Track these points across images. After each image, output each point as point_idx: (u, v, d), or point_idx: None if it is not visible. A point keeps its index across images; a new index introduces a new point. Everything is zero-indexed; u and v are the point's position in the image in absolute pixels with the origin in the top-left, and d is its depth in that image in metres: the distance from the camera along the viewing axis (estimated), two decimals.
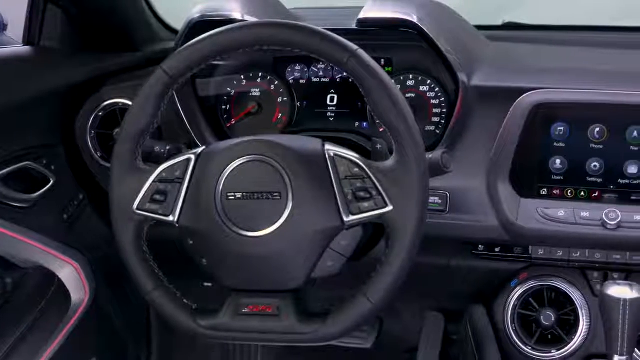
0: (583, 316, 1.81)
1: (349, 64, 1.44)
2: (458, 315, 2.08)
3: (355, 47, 1.46)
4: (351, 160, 1.45)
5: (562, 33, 2.34)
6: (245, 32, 1.48)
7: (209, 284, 2.16)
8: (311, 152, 1.47)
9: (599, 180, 1.72)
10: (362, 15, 1.82)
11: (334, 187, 1.44)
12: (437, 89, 1.87)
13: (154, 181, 1.50)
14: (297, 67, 1.96)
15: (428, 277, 1.92)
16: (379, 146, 1.65)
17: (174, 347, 2.50)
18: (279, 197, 1.44)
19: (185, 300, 1.53)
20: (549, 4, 2.86)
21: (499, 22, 2.40)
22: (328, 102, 1.94)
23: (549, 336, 1.85)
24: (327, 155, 1.46)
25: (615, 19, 2.57)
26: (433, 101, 1.87)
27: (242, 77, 1.99)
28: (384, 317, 2.33)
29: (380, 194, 1.43)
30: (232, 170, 1.46)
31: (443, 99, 1.86)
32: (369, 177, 1.43)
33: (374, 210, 1.43)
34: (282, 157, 1.45)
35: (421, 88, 1.88)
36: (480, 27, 2.21)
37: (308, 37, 1.45)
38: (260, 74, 1.98)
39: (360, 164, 1.45)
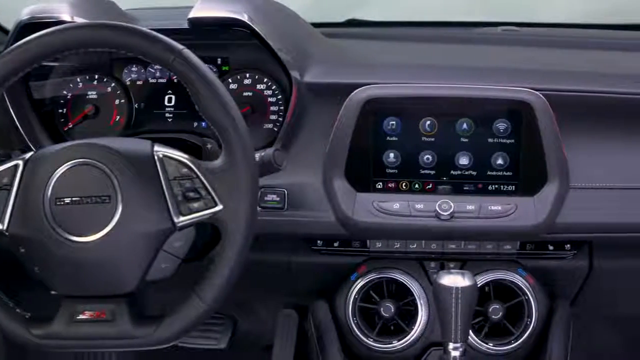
0: (422, 306, 1.84)
1: (174, 64, 1.44)
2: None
3: (180, 47, 1.45)
4: (180, 161, 1.45)
5: (403, 29, 2.39)
6: (67, 34, 1.46)
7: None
8: (139, 153, 1.46)
9: (432, 172, 1.75)
10: (192, 14, 1.80)
11: (163, 189, 1.44)
12: (274, 87, 1.87)
13: None
14: (134, 69, 1.94)
15: (271, 274, 1.93)
16: (209, 146, 1.65)
17: (22, 359, 2.43)
18: (108, 201, 1.43)
19: (18, 310, 1.50)
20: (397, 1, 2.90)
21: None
22: (166, 103, 1.92)
23: (392, 327, 1.87)
24: (155, 157, 1.46)
25: (455, 14, 2.63)
26: (270, 99, 1.87)
27: (78, 79, 1.95)
28: (238, 316, 2.33)
29: (209, 193, 1.43)
30: (60, 175, 1.44)
31: (280, 97, 1.87)
32: (198, 177, 1.44)
33: (203, 210, 1.43)
34: (110, 160, 1.44)
35: (258, 86, 1.88)
36: (323, 25, 2.24)
37: (132, 38, 1.44)
38: (96, 76, 1.95)
39: (189, 164, 1.45)
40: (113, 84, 1.94)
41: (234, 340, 2.32)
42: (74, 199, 1.43)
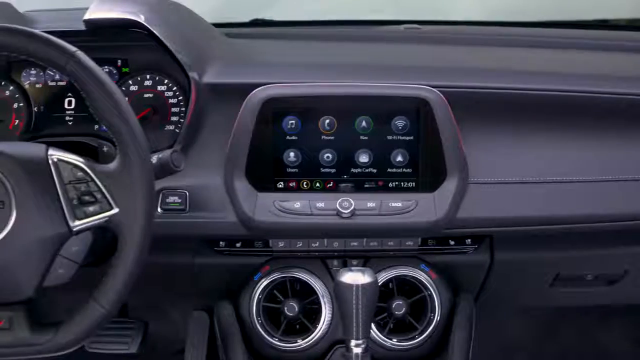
0: (325, 304, 1.85)
1: (67, 67, 1.43)
2: None
3: (73, 49, 1.44)
4: (74, 164, 1.44)
5: (308, 28, 2.39)
6: None
7: None
8: (33, 158, 1.44)
9: (333, 170, 1.76)
10: (87, 15, 1.78)
11: (58, 193, 1.42)
12: (174, 88, 1.86)
13: None
14: (33, 71, 1.90)
15: (177, 277, 1.92)
16: (105, 148, 1.65)
17: None
18: (2, 207, 1.41)
19: None
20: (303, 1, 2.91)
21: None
22: (66, 106, 1.89)
23: (297, 326, 1.88)
24: (50, 161, 1.44)
25: (359, 13, 2.65)
26: (171, 100, 1.86)
27: None
28: (149, 320, 2.31)
29: (105, 196, 1.42)
30: None
31: (181, 98, 1.86)
32: (93, 181, 1.43)
33: (99, 213, 1.43)
34: (3, 164, 1.42)
35: (159, 88, 1.87)
36: (226, 25, 2.23)
37: (24, 40, 1.43)
38: None
39: (84, 167, 1.43)
40: (11, 88, 1.90)
41: (145, 345, 2.30)
42: None
